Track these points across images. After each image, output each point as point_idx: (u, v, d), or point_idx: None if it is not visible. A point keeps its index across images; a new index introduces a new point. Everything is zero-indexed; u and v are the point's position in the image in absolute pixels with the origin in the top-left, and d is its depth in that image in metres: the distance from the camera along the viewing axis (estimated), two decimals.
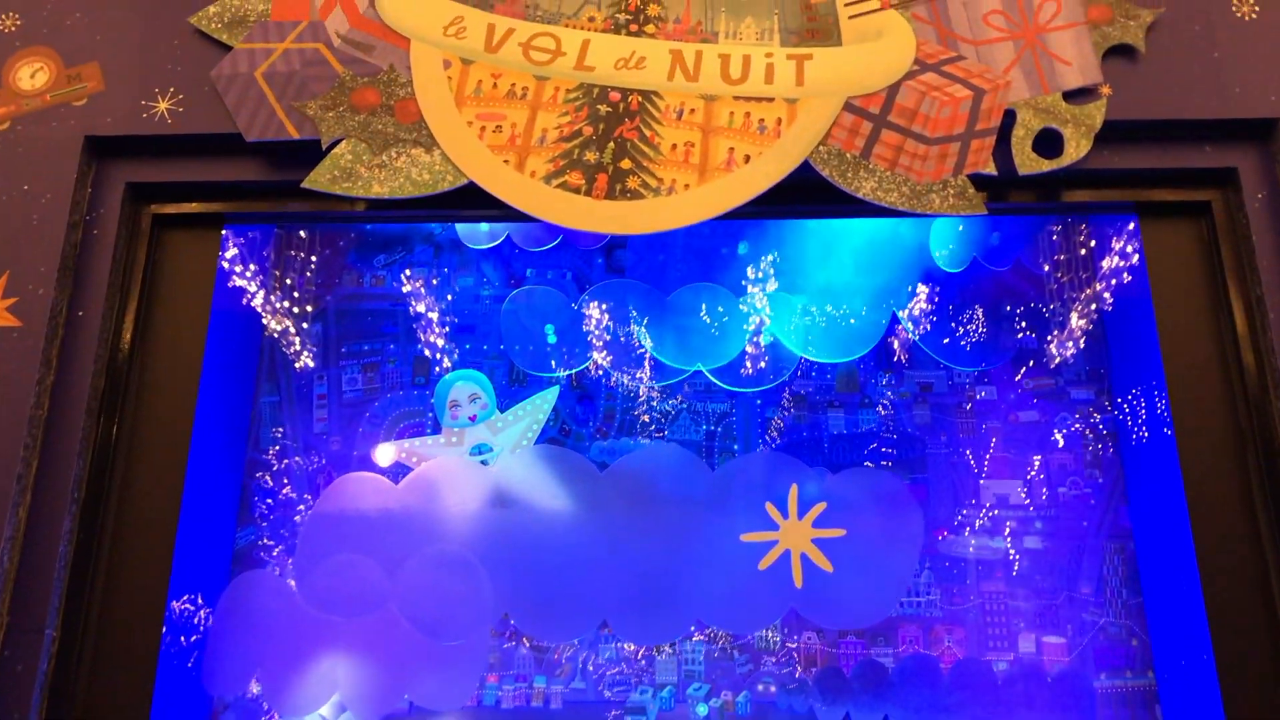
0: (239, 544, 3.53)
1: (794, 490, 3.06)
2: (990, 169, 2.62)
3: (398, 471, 3.35)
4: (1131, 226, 3.33)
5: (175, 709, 2.94)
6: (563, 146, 2.68)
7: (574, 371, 3.72)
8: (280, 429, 3.72)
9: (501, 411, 3.56)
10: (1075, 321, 3.57)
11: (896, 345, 3.71)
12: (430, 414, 3.67)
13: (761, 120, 2.69)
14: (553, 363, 3.71)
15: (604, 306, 3.73)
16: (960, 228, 3.60)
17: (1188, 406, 2.70)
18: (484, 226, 3.73)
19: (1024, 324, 3.68)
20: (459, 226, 3.74)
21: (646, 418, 3.75)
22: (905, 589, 3.20)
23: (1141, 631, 3.42)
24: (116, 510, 2.75)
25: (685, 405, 3.76)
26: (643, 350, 3.69)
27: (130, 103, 2.81)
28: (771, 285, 3.67)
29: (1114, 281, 3.46)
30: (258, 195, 2.90)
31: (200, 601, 3.11)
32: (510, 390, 3.76)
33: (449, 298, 3.85)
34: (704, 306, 3.69)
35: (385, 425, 3.73)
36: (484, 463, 3.36)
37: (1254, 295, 2.64)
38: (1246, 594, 2.57)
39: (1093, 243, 3.53)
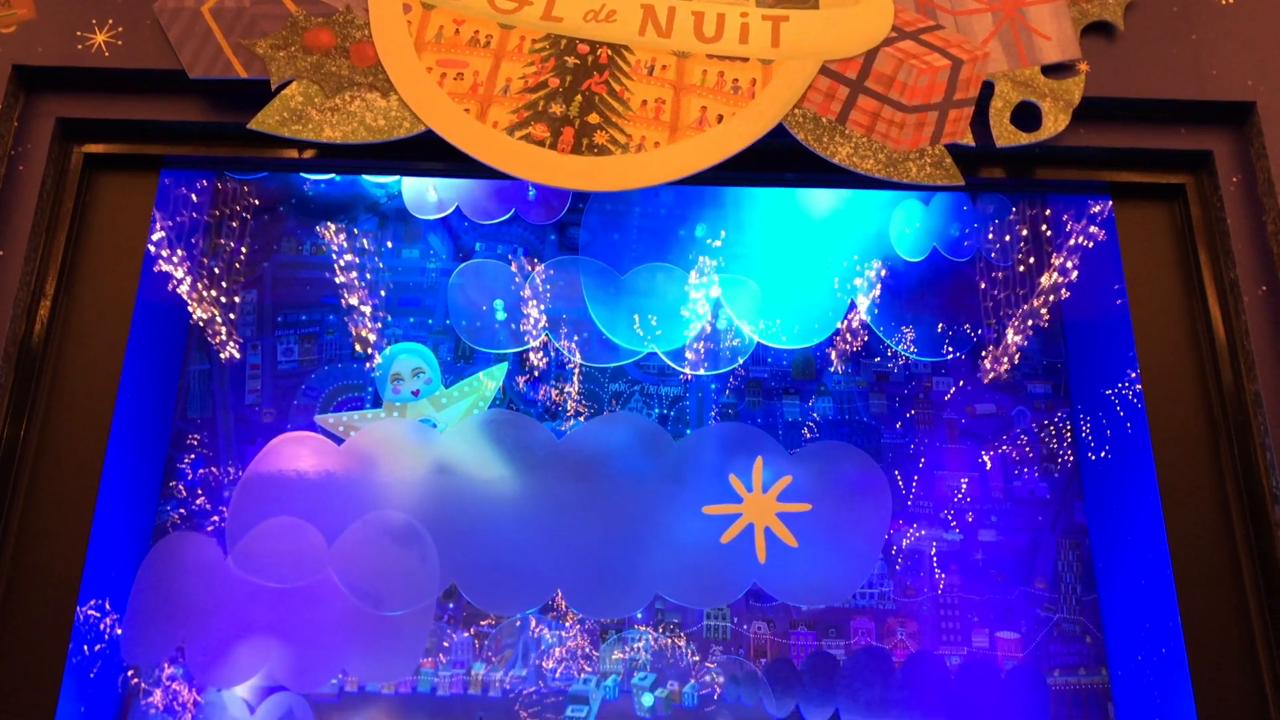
0: (161, 518, 3.33)
1: (759, 463, 2.96)
2: (968, 139, 2.55)
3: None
4: (1095, 217, 3.31)
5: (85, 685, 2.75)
6: (527, 98, 2.55)
7: (522, 349, 3.58)
8: (210, 398, 3.53)
9: (446, 387, 3.41)
10: (1034, 315, 3.53)
11: (853, 333, 3.63)
12: (370, 388, 3.51)
13: (736, 80, 2.59)
14: (500, 339, 3.56)
15: (556, 284, 3.60)
16: (917, 224, 3.55)
17: (1160, 391, 2.65)
18: (432, 196, 3.58)
19: (983, 315, 3.63)
20: (406, 195, 3.59)
21: (596, 399, 3.62)
22: (873, 566, 3.11)
23: (1095, 628, 3.37)
24: (31, 477, 2.54)
25: (637, 387, 3.64)
26: (595, 330, 3.56)
27: (64, 33, 2.62)
28: (729, 268, 3.57)
29: (1073, 275, 3.44)
30: (199, 138, 2.73)
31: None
32: (456, 367, 3.61)
33: (394, 269, 3.69)
34: (659, 287, 3.58)
35: (322, 398, 3.56)
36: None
37: (1228, 279, 2.61)
38: (1218, 584, 2.51)
39: (1054, 235, 3.50)
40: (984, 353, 3.62)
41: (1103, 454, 3.38)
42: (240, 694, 3.27)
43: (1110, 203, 2.81)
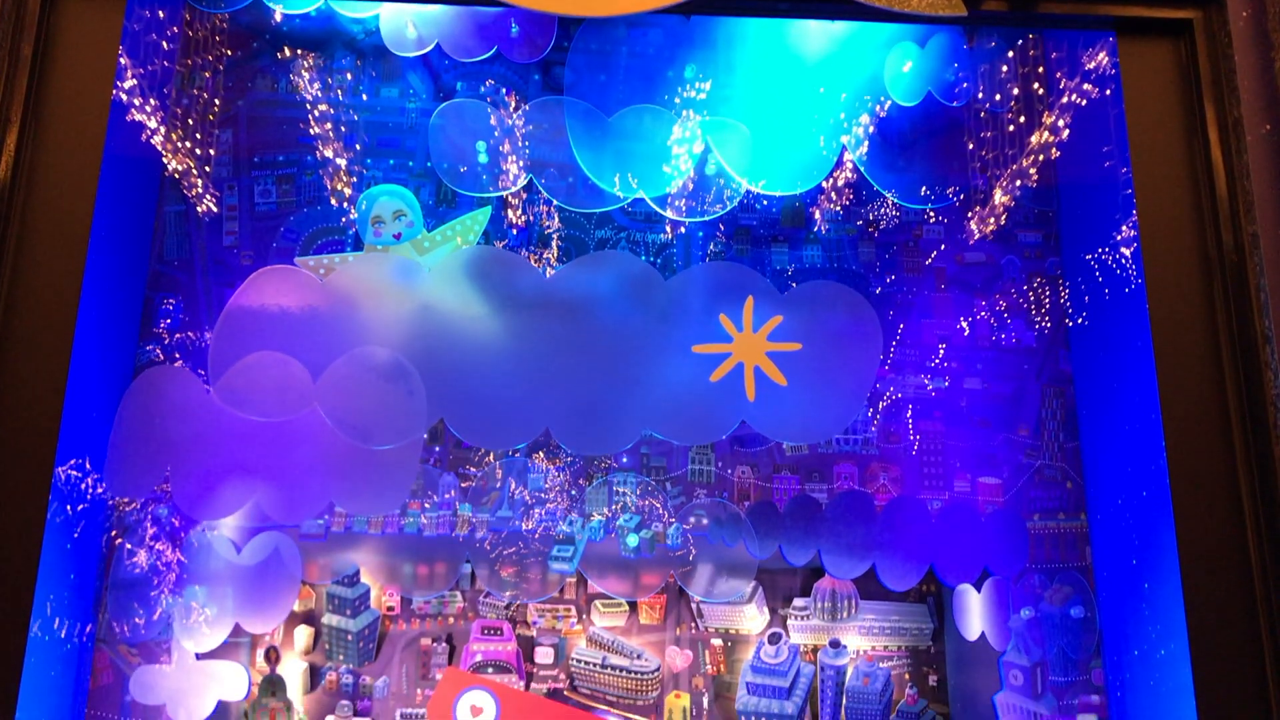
0: (140, 361, 3.29)
1: (749, 302, 2.93)
2: None
3: None
4: (1091, 74, 3.21)
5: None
6: None
7: (505, 194, 3.50)
8: (187, 240, 3.45)
9: (429, 231, 3.34)
10: (1026, 161, 3.46)
11: (844, 179, 3.57)
12: (351, 230, 3.43)
13: None
14: (483, 182, 3.47)
15: (540, 126, 3.49)
16: (912, 67, 3.45)
17: (1156, 233, 2.62)
18: (411, 32, 3.43)
19: (975, 162, 3.56)
20: (384, 31, 3.43)
21: (582, 246, 3.56)
22: (862, 404, 3.12)
23: (1076, 474, 3.41)
24: (3, 324, 2.47)
25: (624, 234, 3.58)
26: (580, 174, 3.47)
27: None
28: (718, 111, 3.47)
29: (1067, 120, 3.36)
30: None
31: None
32: (438, 211, 3.53)
33: (373, 109, 3.58)
34: (647, 130, 3.48)
35: (302, 241, 3.48)
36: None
37: (1231, 119, 2.55)
38: (1206, 423, 2.52)
39: (1051, 82, 3.41)
40: (975, 201, 3.57)
41: (1091, 301, 3.36)
42: (227, 535, 3.29)
43: (1113, 41, 2.73)
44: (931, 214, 3.61)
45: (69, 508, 2.89)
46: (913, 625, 3.73)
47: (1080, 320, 3.43)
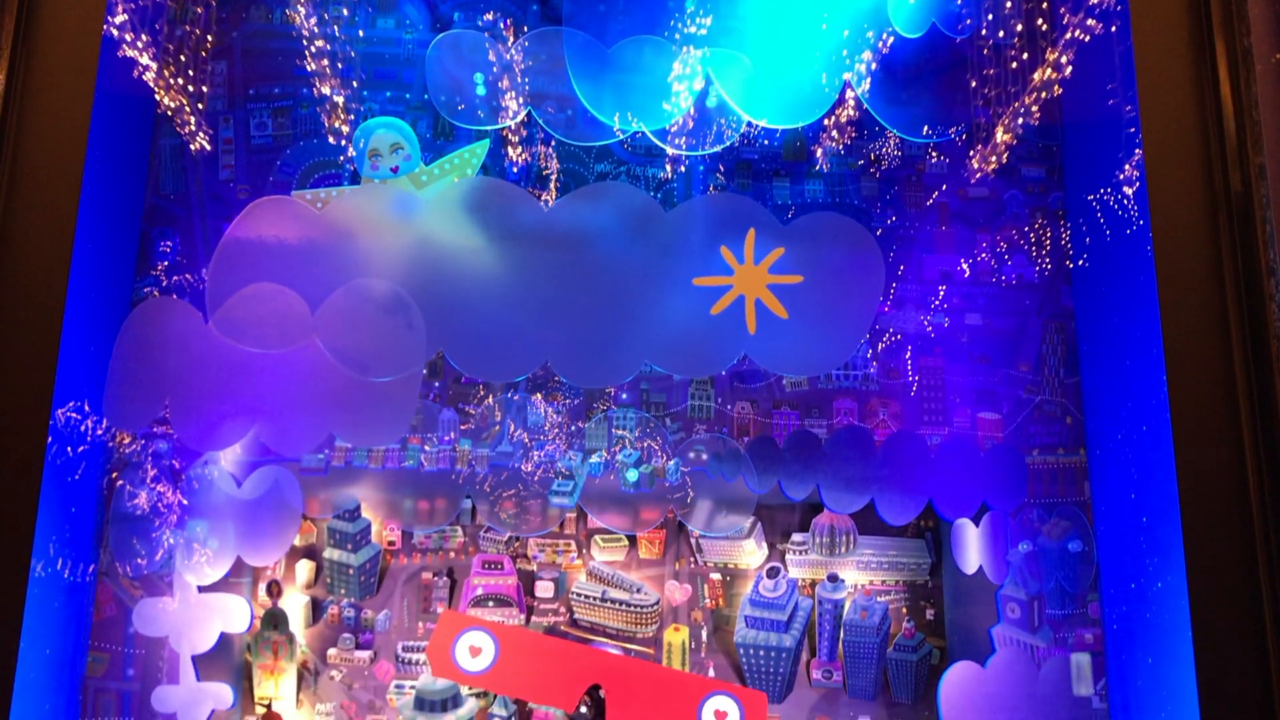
0: (138, 296, 3.27)
1: (750, 234, 2.91)
2: None
3: None
4: (1096, 7, 3.16)
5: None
6: None
7: (504, 127, 3.46)
8: (183, 174, 3.42)
9: (426, 164, 3.30)
10: (1029, 99, 3.41)
11: (847, 116, 3.52)
12: (348, 164, 3.39)
13: None
14: (481, 115, 3.43)
15: (538, 57, 3.44)
16: None
17: (1162, 165, 2.59)
18: None
19: (979, 98, 3.51)
20: None
21: (581, 180, 3.52)
22: (863, 336, 3.10)
23: (1076, 410, 3.41)
24: None
25: (624, 168, 3.54)
26: (579, 106, 3.43)
27: None
28: (720, 44, 3.41)
29: (1071, 56, 3.31)
30: None
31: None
32: (435, 145, 3.49)
33: (369, 40, 3.52)
34: (647, 62, 3.42)
35: (299, 174, 3.45)
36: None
37: (1240, 48, 2.51)
38: (1209, 357, 2.50)
39: (1056, 15, 3.35)
40: (978, 136, 3.53)
41: (1093, 243, 3.34)
42: (227, 469, 3.29)
43: None
44: (934, 152, 3.57)
45: (69, 449, 2.89)
46: (910, 560, 3.76)
47: (1082, 262, 3.41)
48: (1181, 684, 2.73)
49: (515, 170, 3.49)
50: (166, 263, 3.35)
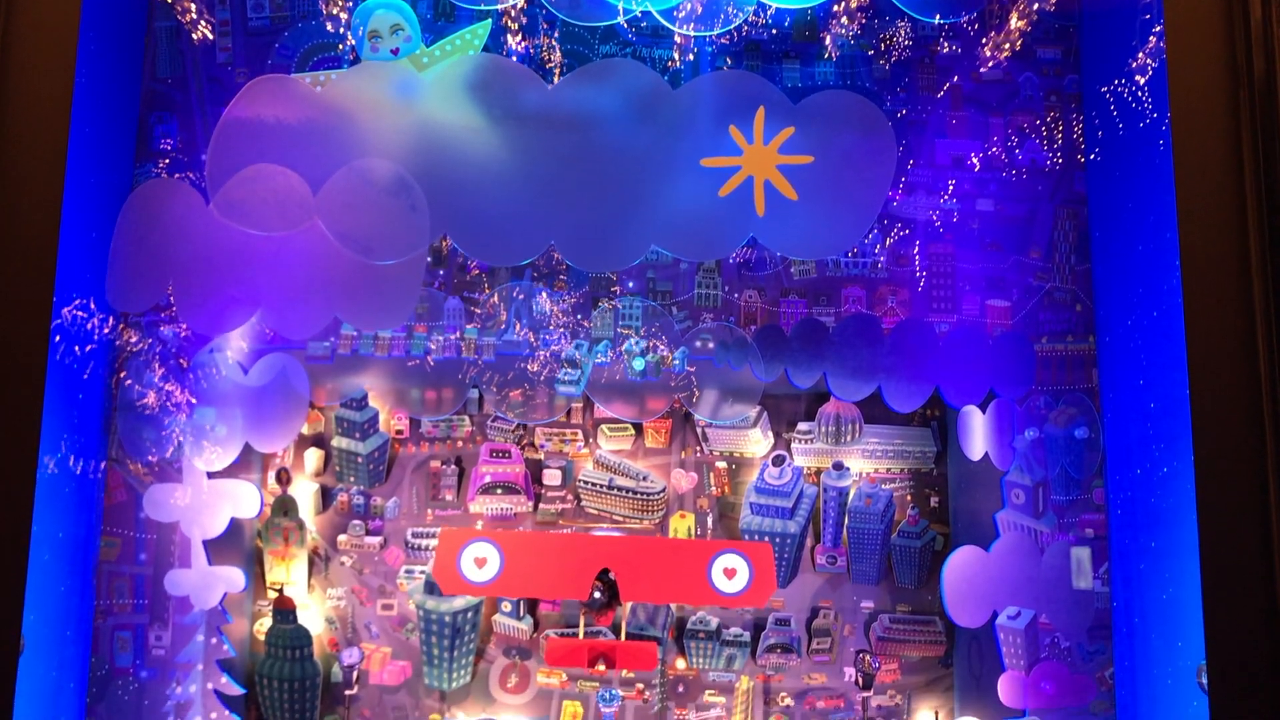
0: (138, 181, 3.23)
1: (760, 113, 2.84)
2: None
3: None
4: None
5: None
6: None
7: (506, 5, 3.35)
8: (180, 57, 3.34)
9: (427, 46, 3.22)
10: None
11: None
12: (347, 46, 3.30)
13: None
14: None
15: None
16: None
17: (1184, 60, 2.48)
18: None
19: None
20: None
21: (585, 62, 3.42)
22: (874, 219, 3.05)
23: (1086, 297, 3.38)
24: None
25: (629, 50, 3.45)
26: None
27: None
28: None
29: None
30: None
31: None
32: (436, 26, 3.39)
33: None
34: None
35: (298, 57, 3.37)
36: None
37: None
38: (1226, 246, 2.43)
39: None
40: (993, 15, 3.42)
41: (1108, 121, 3.26)
42: (233, 357, 3.29)
43: None
44: (948, 29, 3.45)
45: (77, 348, 2.88)
46: (916, 448, 3.77)
47: (1094, 156, 3.34)
48: (1184, 568, 2.75)
49: (516, 60, 3.39)
50: (167, 149, 3.30)
